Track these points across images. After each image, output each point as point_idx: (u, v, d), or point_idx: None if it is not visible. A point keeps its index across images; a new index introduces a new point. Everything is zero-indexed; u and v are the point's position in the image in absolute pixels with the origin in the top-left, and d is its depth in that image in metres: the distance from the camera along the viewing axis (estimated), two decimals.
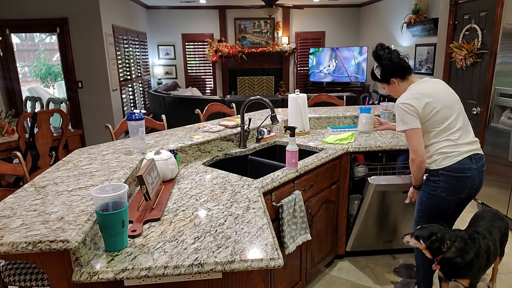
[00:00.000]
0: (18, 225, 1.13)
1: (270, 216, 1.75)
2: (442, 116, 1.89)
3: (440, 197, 1.95)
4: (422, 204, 2.04)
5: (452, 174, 1.89)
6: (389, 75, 2.01)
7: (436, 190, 1.95)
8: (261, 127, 2.61)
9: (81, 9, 5.15)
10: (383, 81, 2.06)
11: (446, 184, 1.91)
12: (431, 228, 1.94)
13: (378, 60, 2.03)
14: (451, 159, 1.88)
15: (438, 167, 1.91)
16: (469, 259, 1.88)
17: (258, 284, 1.22)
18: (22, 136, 3.30)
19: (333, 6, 8.35)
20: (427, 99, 1.88)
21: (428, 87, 1.94)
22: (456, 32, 4.06)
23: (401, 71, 2.00)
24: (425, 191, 2.01)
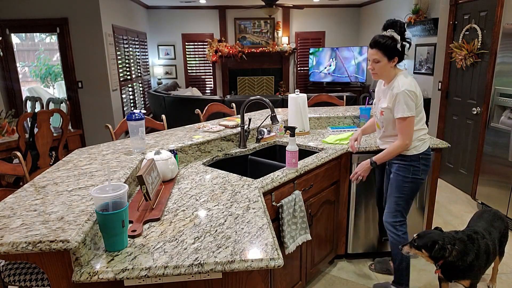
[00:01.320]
0: (18, 225, 1.13)
1: (270, 216, 1.75)
2: (421, 107, 2.09)
3: (420, 179, 2.14)
4: (403, 191, 2.16)
5: (427, 157, 2.13)
6: (398, 53, 2.02)
7: (418, 174, 2.13)
8: (261, 127, 2.61)
9: (81, 9, 5.15)
10: (387, 55, 2.01)
11: (425, 167, 2.13)
12: (431, 235, 1.92)
13: (401, 33, 2.00)
14: (426, 144, 2.13)
15: (418, 152, 2.10)
16: (470, 260, 1.88)
17: (258, 284, 1.22)
18: (22, 136, 3.30)
19: (333, 6, 8.34)
20: (418, 89, 2.04)
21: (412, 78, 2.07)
22: (456, 32, 4.06)
23: (403, 56, 2.06)
24: (407, 177, 2.13)
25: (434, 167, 2.58)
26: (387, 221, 2.25)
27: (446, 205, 3.69)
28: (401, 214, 2.21)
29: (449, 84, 4.25)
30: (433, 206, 2.68)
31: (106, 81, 5.43)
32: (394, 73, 2.07)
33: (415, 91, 1.99)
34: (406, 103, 1.96)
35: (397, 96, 1.98)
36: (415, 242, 1.95)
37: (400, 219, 2.21)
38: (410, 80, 2.01)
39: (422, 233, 1.97)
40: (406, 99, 1.96)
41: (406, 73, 2.08)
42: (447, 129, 4.34)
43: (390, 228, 2.24)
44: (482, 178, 3.45)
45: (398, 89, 1.98)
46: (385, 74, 2.08)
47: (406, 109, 1.97)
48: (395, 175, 2.18)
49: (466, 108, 3.95)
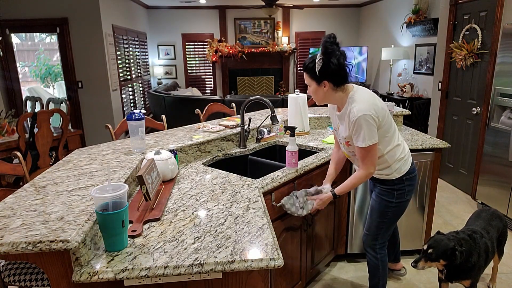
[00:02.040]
0: (18, 225, 1.13)
1: (270, 216, 1.75)
2: (390, 121, 1.82)
3: (405, 202, 1.97)
4: (387, 216, 1.99)
5: (412, 176, 1.94)
6: (327, 76, 1.71)
7: (403, 197, 1.95)
8: (261, 127, 2.61)
9: (81, 9, 5.16)
10: (315, 78, 1.74)
11: (410, 187, 1.95)
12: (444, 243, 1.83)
13: (325, 54, 1.69)
14: (408, 163, 1.92)
15: (400, 174, 1.89)
16: (473, 261, 1.88)
17: (258, 284, 1.22)
18: (22, 136, 3.30)
19: (333, 6, 8.34)
20: (379, 105, 1.75)
21: (370, 93, 1.80)
22: (456, 32, 4.06)
23: (341, 78, 1.73)
24: (391, 203, 1.95)
25: (434, 167, 2.58)
26: (367, 243, 2.11)
27: (446, 205, 3.69)
28: (381, 236, 2.07)
29: (449, 84, 4.25)
30: (433, 206, 2.68)
31: (106, 81, 5.43)
32: (343, 95, 1.77)
33: (372, 114, 1.68)
34: (364, 130, 1.69)
35: (355, 124, 1.71)
36: (432, 255, 1.84)
37: (380, 241, 2.08)
38: (365, 100, 1.72)
39: (433, 243, 1.86)
40: (364, 125, 1.69)
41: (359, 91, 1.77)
42: (447, 129, 4.34)
43: (369, 251, 2.12)
44: (482, 178, 3.45)
45: (354, 116, 1.69)
46: (324, 100, 1.82)
47: (366, 138, 1.70)
48: (379, 198, 1.99)
49: (466, 108, 3.95)
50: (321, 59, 1.70)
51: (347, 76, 1.73)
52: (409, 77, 5.96)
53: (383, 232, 2.06)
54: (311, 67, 1.74)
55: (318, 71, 1.71)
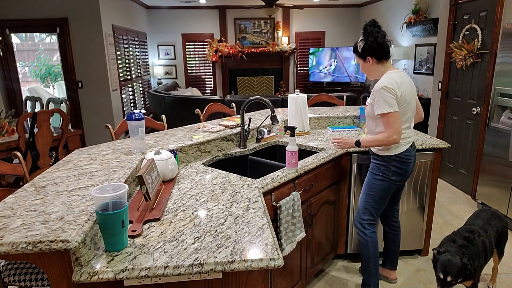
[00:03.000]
0: (18, 225, 1.13)
1: (270, 216, 1.75)
2: (406, 109, 2.04)
3: (389, 181, 2.13)
4: (372, 189, 2.19)
5: (402, 160, 2.09)
6: (368, 52, 2.04)
7: (388, 174, 2.12)
8: (261, 127, 2.61)
9: (81, 9, 5.15)
10: (361, 56, 2.09)
11: (396, 169, 2.10)
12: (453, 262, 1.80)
13: (365, 34, 2.03)
14: (402, 147, 2.09)
15: (391, 153, 2.09)
16: (472, 262, 1.88)
17: (258, 284, 1.22)
18: (22, 136, 3.30)
19: (333, 6, 8.34)
20: (403, 88, 1.99)
21: (404, 78, 2.03)
22: (456, 32, 4.06)
23: (380, 53, 2.03)
24: (377, 176, 2.16)
25: (434, 167, 2.58)
26: (356, 219, 2.28)
27: (446, 205, 3.69)
28: (369, 213, 2.21)
29: (449, 84, 4.25)
30: (433, 206, 2.68)
31: (106, 81, 5.43)
32: (384, 70, 2.06)
33: (394, 88, 1.94)
34: (384, 99, 1.95)
35: (376, 93, 1.98)
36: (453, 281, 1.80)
37: (368, 217, 2.22)
38: (393, 78, 1.98)
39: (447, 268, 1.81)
40: (383, 95, 1.95)
41: (396, 72, 2.03)
42: (447, 129, 4.34)
43: (358, 226, 2.26)
44: (482, 178, 3.45)
45: (378, 86, 1.98)
46: (372, 74, 2.12)
47: (386, 106, 1.95)
48: (369, 173, 2.22)
49: (466, 108, 3.95)
50: (362, 40, 2.04)
51: (386, 52, 2.03)
52: None
53: (370, 207, 2.21)
54: (356, 46, 2.09)
55: (360, 49, 2.06)
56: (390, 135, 1.98)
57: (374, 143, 2.08)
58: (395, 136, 1.98)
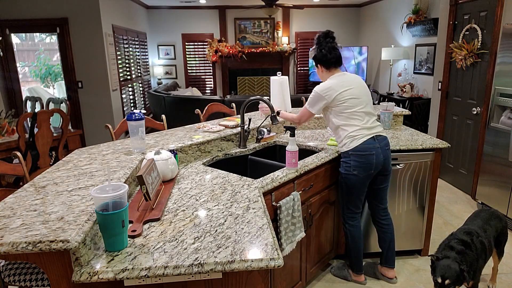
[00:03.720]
0: (18, 225, 1.13)
1: (270, 216, 1.75)
2: (351, 104, 2.18)
3: (353, 176, 2.22)
4: (341, 185, 2.32)
5: (359, 153, 2.17)
6: (317, 61, 2.28)
7: (349, 170, 2.22)
8: (261, 127, 2.61)
9: (81, 9, 5.15)
10: (314, 63, 2.33)
11: (356, 163, 2.18)
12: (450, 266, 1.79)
13: (316, 44, 2.28)
14: (358, 141, 2.17)
15: (348, 148, 2.20)
16: (472, 264, 1.88)
17: (258, 284, 1.22)
18: (22, 136, 3.30)
19: (333, 6, 8.34)
20: (339, 89, 2.17)
21: (344, 79, 2.21)
22: (456, 32, 4.06)
23: (326, 62, 2.25)
24: (341, 173, 2.28)
25: (434, 167, 2.58)
26: (341, 213, 2.44)
27: (446, 205, 3.69)
28: (346, 207, 2.36)
29: (449, 84, 4.25)
30: (433, 206, 2.68)
31: (106, 81, 5.43)
32: (327, 77, 2.28)
33: (323, 94, 2.18)
34: (312, 100, 2.25)
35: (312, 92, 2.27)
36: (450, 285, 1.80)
37: (346, 212, 2.37)
38: (327, 84, 2.20)
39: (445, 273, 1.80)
40: (312, 96, 2.24)
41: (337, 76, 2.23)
42: (447, 129, 4.34)
43: (342, 220, 2.43)
44: (482, 178, 3.45)
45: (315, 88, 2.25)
46: (322, 79, 2.33)
47: (308, 105, 2.26)
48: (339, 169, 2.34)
49: (466, 108, 3.95)
50: (313, 49, 2.29)
51: (331, 62, 2.24)
52: (409, 77, 5.96)
53: (345, 203, 2.35)
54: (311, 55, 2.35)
55: (312, 58, 2.33)
56: (296, 118, 2.39)
57: (287, 117, 2.46)
58: (297, 121, 2.39)
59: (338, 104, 2.17)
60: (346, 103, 2.17)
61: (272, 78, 2.92)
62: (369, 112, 2.22)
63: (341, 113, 2.19)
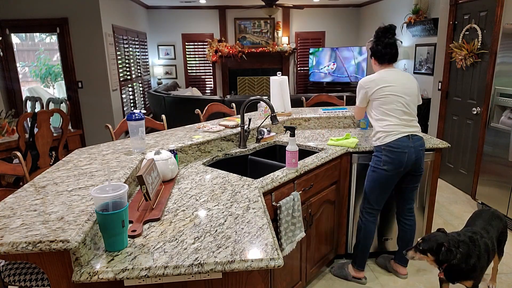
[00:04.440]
0: (18, 225, 1.13)
1: (270, 216, 1.75)
2: (389, 100, 2.21)
3: (382, 170, 2.23)
4: (368, 178, 2.33)
5: (391, 149, 2.19)
6: (372, 54, 2.32)
7: (379, 164, 2.24)
8: (261, 127, 2.61)
9: (81, 9, 5.15)
10: (370, 55, 2.37)
11: (388, 158, 2.21)
12: (435, 238, 1.89)
13: (374, 37, 2.31)
14: (392, 137, 2.20)
15: (381, 143, 2.23)
16: (473, 262, 1.87)
17: (258, 284, 1.22)
18: (22, 136, 3.30)
19: (333, 6, 8.34)
20: (381, 84, 2.21)
21: (389, 75, 2.24)
22: (456, 32, 4.06)
23: (380, 57, 2.29)
24: (371, 166, 2.31)
25: (434, 167, 2.58)
26: (360, 206, 2.46)
27: (446, 205, 3.69)
28: (367, 201, 2.37)
29: (449, 84, 4.25)
30: (433, 206, 2.68)
31: (106, 81, 5.43)
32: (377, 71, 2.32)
33: (364, 86, 2.25)
34: (357, 93, 2.34)
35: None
36: (420, 246, 1.92)
37: (366, 205, 2.38)
38: (375, 75, 2.25)
39: (426, 237, 1.94)
40: (357, 89, 2.33)
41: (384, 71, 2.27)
42: (447, 129, 4.34)
43: (360, 211, 2.44)
44: (482, 178, 3.45)
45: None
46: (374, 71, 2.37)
47: (357, 98, 2.35)
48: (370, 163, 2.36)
49: (466, 108, 3.95)
50: (370, 41, 2.33)
51: (385, 58, 2.27)
52: None
53: (367, 196, 2.36)
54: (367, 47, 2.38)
55: (367, 49, 2.36)
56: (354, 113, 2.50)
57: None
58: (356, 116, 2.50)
59: (377, 98, 2.22)
60: (384, 99, 2.20)
61: (272, 78, 2.93)
62: (408, 112, 2.22)
63: (379, 107, 2.23)
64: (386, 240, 2.69)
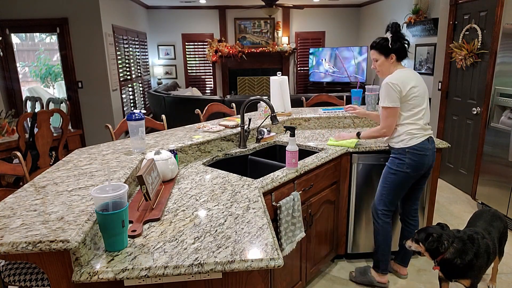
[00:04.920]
0: (18, 225, 1.13)
1: (270, 216, 1.75)
2: (417, 103, 2.15)
3: (404, 173, 2.20)
4: (387, 181, 2.27)
5: (416, 152, 2.16)
6: (394, 50, 2.18)
7: (402, 167, 2.20)
8: (261, 127, 2.61)
9: (81, 9, 5.15)
10: (385, 52, 2.20)
11: (411, 161, 2.17)
12: (429, 230, 1.96)
13: (394, 33, 2.18)
14: (417, 139, 2.16)
15: (405, 145, 2.17)
16: (469, 259, 1.88)
17: (258, 284, 1.22)
18: (22, 136, 3.30)
19: (333, 6, 8.34)
20: (411, 84, 2.13)
21: (412, 75, 2.18)
22: (456, 32, 4.06)
23: (402, 53, 2.21)
24: (391, 169, 2.24)
25: (434, 167, 2.58)
26: (373, 208, 2.38)
27: (446, 205, 3.69)
28: (384, 203, 2.31)
29: (449, 84, 4.25)
30: (433, 206, 2.68)
31: (106, 81, 5.43)
32: (394, 69, 2.21)
33: (398, 84, 2.10)
34: (387, 94, 2.12)
35: (382, 87, 2.16)
36: (415, 236, 2.00)
37: (383, 207, 2.31)
38: (400, 75, 2.14)
39: (423, 228, 2.01)
40: (387, 89, 2.12)
41: (404, 70, 2.19)
42: (447, 129, 4.34)
43: (374, 215, 2.38)
44: (482, 178, 3.45)
45: (385, 81, 2.15)
46: (385, 71, 2.24)
47: (387, 100, 2.13)
48: (386, 166, 2.31)
49: (466, 108, 3.95)
50: (391, 36, 2.18)
51: (405, 55, 2.21)
52: None
53: (384, 198, 2.29)
54: (382, 43, 2.21)
55: (390, 45, 2.18)
56: (382, 129, 2.21)
57: (370, 135, 2.32)
58: (385, 130, 2.21)
59: (408, 99, 2.14)
60: (414, 101, 2.14)
61: (272, 78, 2.93)
62: (428, 113, 2.21)
63: (409, 109, 2.16)
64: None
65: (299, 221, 2.00)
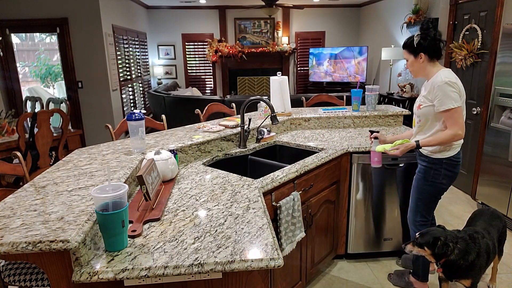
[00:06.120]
0: (18, 225, 1.13)
1: (270, 216, 1.75)
2: (463, 107, 2.01)
3: (440, 184, 2.10)
4: (422, 193, 2.17)
5: (453, 163, 2.06)
6: (423, 49, 2.03)
7: (438, 178, 2.09)
8: (261, 127, 2.61)
9: (81, 9, 5.16)
10: (413, 52, 2.07)
11: (448, 172, 2.07)
12: (433, 232, 1.92)
13: (426, 31, 2.01)
14: (455, 150, 2.06)
15: (443, 156, 2.05)
16: (471, 260, 1.88)
17: (258, 284, 1.22)
18: (22, 136, 3.30)
19: (333, 6, 8.34)
20: (460, 84, 1.97)
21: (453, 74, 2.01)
22: (456, 32, 4.06)
23: (434, 51, 2.03)
24: (426, 180, 2.12)
25: None
26: (409, 218, 2.30)
27: (446, 205, 3.69)
28: (421, 214, 2.23)
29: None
30: None
31: (106, 81, 5.43)
32: (436, 69, 2.05)
33: (457, 83, 1.95)
34: (449, 94, 1.92)
35: (438, 89, 1.95)
36: (417, 240, 1.95)
37: (420, 218, 2.24)
38: (452, 75, 1.98)
39: (424, 231, 1.97)
40: (447, 90, 1.92)
41: (449, 70, 2.03)
42: None
43: (411, 226, 2.30)
44: (482, 178, 3.45)
45: (441, 81, 1.94)
46: (420, 71, 2.11)
47: (452, 101, 1.92)
48: (418, 175, 2.18)
49: (466, 108, 3.94)
50: (419, 35, 2.03)
51: (440, 51, 2.03)
52: (409, 77, 5.96)
53: (421, 209, 2.21)
54: (410, 42, 2.07)
55: (416, 44, 2.02)
56: (456, 131, 1.95)
57: (436, 142, 2.01)
58: (460, 132, 1.95)
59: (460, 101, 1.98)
60: (463, 103, 2.00)
61: (272, 78, 2.94)
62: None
63: None
64: (386, 240, 2.69)
65: (299, 221, 2.00)
